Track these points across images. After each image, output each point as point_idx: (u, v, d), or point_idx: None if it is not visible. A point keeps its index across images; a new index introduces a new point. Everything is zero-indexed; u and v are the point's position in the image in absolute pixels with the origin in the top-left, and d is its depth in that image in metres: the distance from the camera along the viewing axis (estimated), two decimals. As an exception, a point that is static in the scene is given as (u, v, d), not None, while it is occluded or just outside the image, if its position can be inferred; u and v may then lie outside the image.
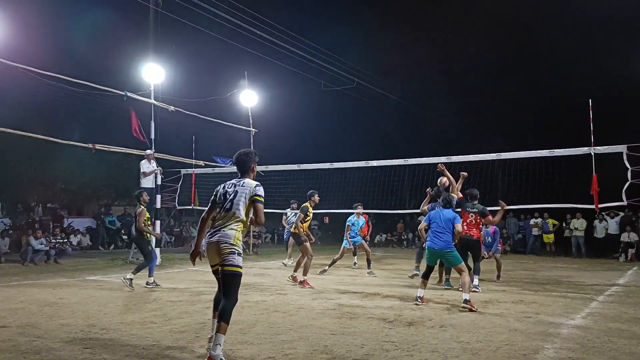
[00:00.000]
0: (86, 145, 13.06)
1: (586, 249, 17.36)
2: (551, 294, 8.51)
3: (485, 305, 7.26)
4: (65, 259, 13.58)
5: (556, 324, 5.99)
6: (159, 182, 13.77)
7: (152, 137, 13.85)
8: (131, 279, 8.56)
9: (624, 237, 16.39)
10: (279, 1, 30.56)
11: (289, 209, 13.63)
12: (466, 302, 6.86)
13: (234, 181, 4.64)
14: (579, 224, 17.45)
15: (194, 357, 4.53)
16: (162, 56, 15.28)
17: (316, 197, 9.58)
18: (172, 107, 14.42)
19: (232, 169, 16.32)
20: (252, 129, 17.10)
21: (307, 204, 9.51)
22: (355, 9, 33.71)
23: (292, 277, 9.66)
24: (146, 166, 13.54)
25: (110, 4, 22.95)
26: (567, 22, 25.00)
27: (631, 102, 21.22)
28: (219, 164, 16.91)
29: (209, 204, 4.64)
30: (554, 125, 23.45)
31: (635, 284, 10.20)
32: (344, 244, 11.68)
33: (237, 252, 4.37)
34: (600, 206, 10.40)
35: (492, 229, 10.05)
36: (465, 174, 9.17)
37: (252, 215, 4.51)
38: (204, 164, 16.24)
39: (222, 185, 4.67)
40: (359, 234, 11.73)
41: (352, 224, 11.64)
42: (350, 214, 12.03)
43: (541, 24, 27.29)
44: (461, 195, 8.89)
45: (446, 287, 9.05)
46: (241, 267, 4.37)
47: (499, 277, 10.22)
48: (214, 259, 4.43)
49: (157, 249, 12.62)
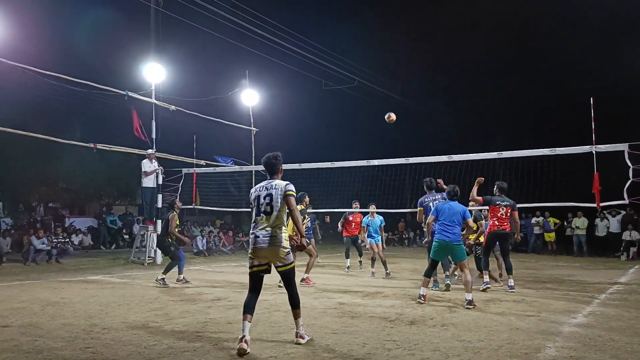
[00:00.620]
0: (87, 144, 13.11)
1: (588, 248, 17.33)
2: (553, 293, 8.50)
3: (486, 304, 7.25)
4: (66, 258, 13.62)
5: (558, 322, 5.98)
6: (160, 182, 13.81)
7: (153, 136, 13.88)
8: (163, 279, 9.05)
9: (626, 236, 16.37)
10: (280, 1, 30.57)
11: None
12: (470, 302, 6.89)
13: (264, 184, 5.08)
14: (581, 222, 17.43)
15: (195, 356, 4.54)
16: (163, 56, 15.31)
17: (307, 199, 9.58)
18: (173, 107, 14.45)
19: (234, 168, 16.54)
20: (253, 128, 17.12)
21: (300, 206, 9.30)
22: (356, 9, 33.73)
23: (304, 280, 9.29)
24: (147, 165, 13.58)
25: (111, 3, 22.94)
26: (569, 20, 24.97)
27: (633, 101, 21.13)
28: (220, 163, 16.92)
29: (251, 209, 5.10)
30: (556, 123, 23.40)
31: (637, 283, 10.18)
32: (369, 241, 11.08)
33: (289, 251, 4.97)
34: (601, 205, 10.36)
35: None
36: (481, 179, 9.11)
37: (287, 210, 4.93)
38: (205, 164, 16.24)
39: (254, 188, 5.15)
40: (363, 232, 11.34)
41: (368, 225, 11.20)
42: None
43: (543, 22, 27.29)
44: (481, 199, 8.87)
45: (435, 288, 8.73)
46: (293, 261, 5.02)
47: (501, 275, 10.20)
48: (264, 259, 4.93)
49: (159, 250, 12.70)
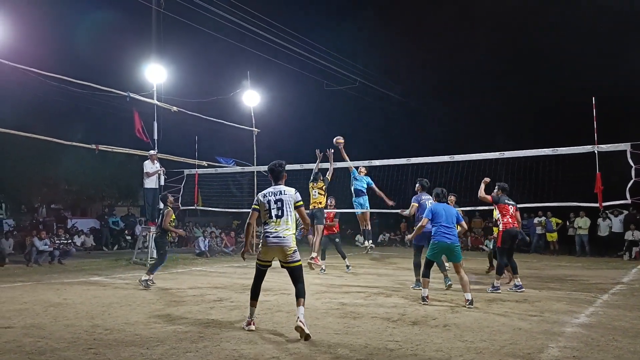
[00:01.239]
0: (89, 145, 13.12)
1: (590, 248, 17.28)
2: (555, 293, 8.49)
3: (489, 304, 7.25)
4: (69, 259, 13.62)
5: (560, 322, 5.98)
6: (162, 183, 13.81)
7: (155, 137, 13.89)
8: (146, 280, 8.88)
9: (628, 236, 16.33)
10: (282, 1, 30.57)
11: None
12: (471, 302, 6.90)
13: (271, 189, 5.65)
14: (583, 222, 17.39)
15: (198, 357, 4.55)
16: (164, 57, 15.33)
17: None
18: (174, 108, 14.45)
19: (235, 169, 16.56)
20: (254, 129, 17.12)
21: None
22: (357, 9, 33.64)
23: (313, 259, 10.14)
24: (149, 166, 13.58)
25: (112, 4, 22.98)
26: (570, 20, 24.87)
27: (635, 100, 21.07)
28: (221, 164, 16.92)
29: (251, 212, 5.65)
30: (556, 123, 23.35)
31: (639, 282, 10.17)
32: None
33: (295, 250, 5.54)
34: (604, 204, 10.32)
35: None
36: (488, 179, 9.15)
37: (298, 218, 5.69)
38: (206, 164, 16.24)
39: (263, 194, 5.65)
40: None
41: (355, 178, 11.52)
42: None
43: (543, 22, 27.23)
44: (490, 198, 8.95)
45: (416, 288, 8.67)
46: (300, 259, 5.55)
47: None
48: (272, 256, 5.56)
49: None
